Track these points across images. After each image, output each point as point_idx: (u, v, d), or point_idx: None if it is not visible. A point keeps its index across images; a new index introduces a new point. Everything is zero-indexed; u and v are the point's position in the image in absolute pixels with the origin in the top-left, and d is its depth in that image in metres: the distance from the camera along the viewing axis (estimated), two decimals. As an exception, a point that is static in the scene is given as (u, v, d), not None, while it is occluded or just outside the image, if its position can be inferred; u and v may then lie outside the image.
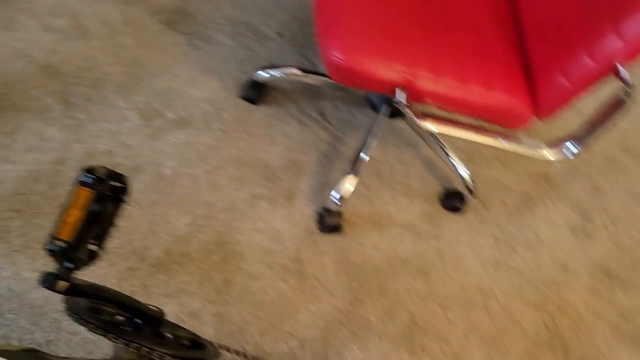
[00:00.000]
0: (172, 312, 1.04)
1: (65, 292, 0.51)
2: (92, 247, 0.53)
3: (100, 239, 0.54)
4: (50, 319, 0.96)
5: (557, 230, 1.40)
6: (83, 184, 0.50)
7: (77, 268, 0.52)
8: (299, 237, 1.19)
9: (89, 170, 0.52)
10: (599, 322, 1.32)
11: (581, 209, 1.45)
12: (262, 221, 1.18)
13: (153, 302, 0.72)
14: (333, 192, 1.19)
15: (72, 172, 1.11)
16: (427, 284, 1.23)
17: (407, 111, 1.00)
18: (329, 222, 1.20)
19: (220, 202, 1.17)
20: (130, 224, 1.09)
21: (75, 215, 0.49)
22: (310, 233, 1.20)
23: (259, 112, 1.31)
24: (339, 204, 1.18)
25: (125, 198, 0.55)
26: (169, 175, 1.17)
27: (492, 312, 1.24)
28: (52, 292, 0.49)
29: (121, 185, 0.54)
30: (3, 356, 0.47)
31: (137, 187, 1.13)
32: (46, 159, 1.12)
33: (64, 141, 1.15)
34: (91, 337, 0.98)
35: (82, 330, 0.99)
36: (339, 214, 1.21)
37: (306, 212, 1.22)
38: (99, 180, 0.51)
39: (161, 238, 1.10)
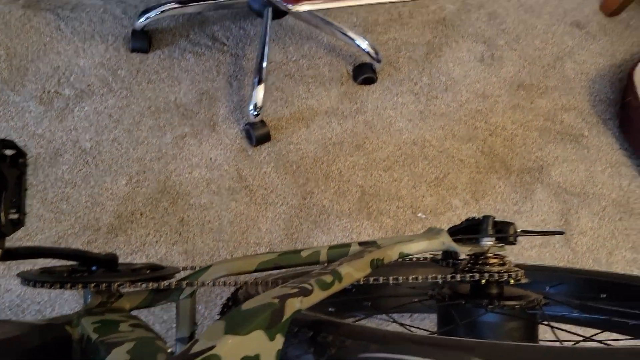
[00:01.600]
0: (143, 265, 1.10)
1: (2, 258, 0.55)
2: (11, 216, 0.57)
3: (17, 206, 0.58)
4: (33, 311, 1.01)
5: (467, 65, 1.47)
6: (-30, 157, 0.53)
7: (2, 236, 0.56)
8: (234, 157, 1.24)
9: (-28, 144, 0.54)
10: (528, 132, 1.42)
11: (483, 38, 1.52)
12: (194, 157, 1.22)
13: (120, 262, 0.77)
14: (249, 106, 1.22)
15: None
16: (366, 156, 1.30)
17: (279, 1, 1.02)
18: (256, 134, 1.24)
19: (149, 154, 1.20)
20: (71, 204, 1.12)
21: (-24, 187, 0.53)
22: (243, 150, 1.25)
23: (154, 58, 1.31)
24: (258, 113, 1.22)
25: (23, 161, 0.58)
26: (90, 147, 1.19)
27: (431, 158, 1.33)
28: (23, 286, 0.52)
29: (13, 150, 0.57)
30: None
31: (64, 169, 1.15)
32: (-34, 175, 1.12)
33: (-23, 153, 1.15)
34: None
35: (66, 310, 1.05)
36: (262, 123, 1.26)
37: (233, 133, 1.26)
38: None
39: (106, 205, 1.13)
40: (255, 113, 1.22)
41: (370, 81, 1.39)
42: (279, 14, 1.32)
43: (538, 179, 1.37)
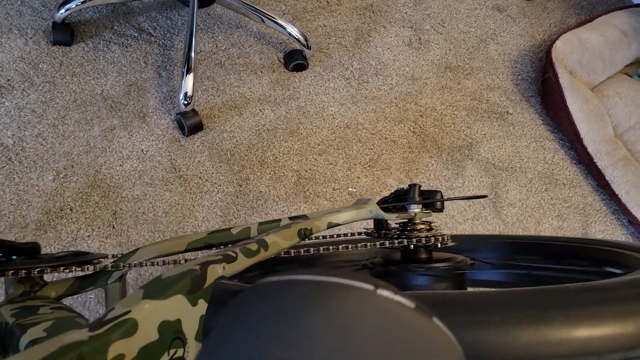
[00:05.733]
0: (76, 261, 1.07)
1: None
2: None
3: None
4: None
5: (396, 49, 1.51)
6: None
7: None
8: (167, 148, 1.22)
9: None
10: (456, 112, 1.47)
11: (410, 24, 1.56)
12: (125, 149, 1.19)
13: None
14: (180, 96, 1.21)
15: None
16: (300, 141, 1.31)
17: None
18: (188, 123, 1.23)
19: (76, 148, 1.17)
20: (-5, 203, 1.07)
21: None
22: (176, 140, 1.23)
23: (77, 50, 1.27)
24: (189, 102, 1.21)
25: None
26: (12, 144, 1.14)
27: (365, 141, 1.36)
28: None
29: None
30: None
31: (-15, 168, 1.10)
32: None
33: None
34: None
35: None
36: (194, 112, 1.24)
37: (164, 124, 1.24)
38: None
39: (33, 202, 1.09)
40: (186, 102, 1.21)
41: (301, 68, 1.40)
42: (206, 2, 1.31)
43: (468, 155, 1.42)
